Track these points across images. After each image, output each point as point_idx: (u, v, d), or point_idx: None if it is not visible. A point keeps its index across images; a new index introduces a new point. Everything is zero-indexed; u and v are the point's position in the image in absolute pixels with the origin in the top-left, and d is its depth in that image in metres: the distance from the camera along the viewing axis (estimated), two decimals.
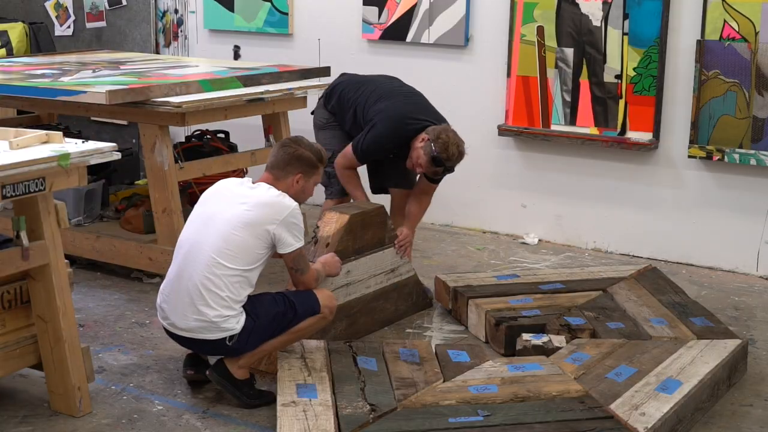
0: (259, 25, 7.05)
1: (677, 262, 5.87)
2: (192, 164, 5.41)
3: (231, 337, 3.84)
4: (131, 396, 4.03)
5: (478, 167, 6.43)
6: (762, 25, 5.35)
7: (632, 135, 5.84)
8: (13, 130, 3.85)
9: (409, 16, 6.45)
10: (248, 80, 5.59)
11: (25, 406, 3.92)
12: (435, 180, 4.96)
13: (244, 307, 3.86)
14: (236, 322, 3.83)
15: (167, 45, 7.48)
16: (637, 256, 5.97)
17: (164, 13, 7.45)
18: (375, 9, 6.56)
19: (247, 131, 6.39)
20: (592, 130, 5.96)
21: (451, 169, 4.82)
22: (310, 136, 4.76)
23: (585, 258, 5.97)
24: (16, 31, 7.10)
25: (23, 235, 3.61)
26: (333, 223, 4.49)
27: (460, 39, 6.31)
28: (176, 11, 7.42)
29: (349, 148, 4.94)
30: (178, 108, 4.99)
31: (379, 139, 4.85)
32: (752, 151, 5.46)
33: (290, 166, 3.99)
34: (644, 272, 5.15)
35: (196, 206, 4.06)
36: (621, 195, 6.01)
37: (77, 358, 3.81)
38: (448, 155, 4.71)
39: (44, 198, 3.66)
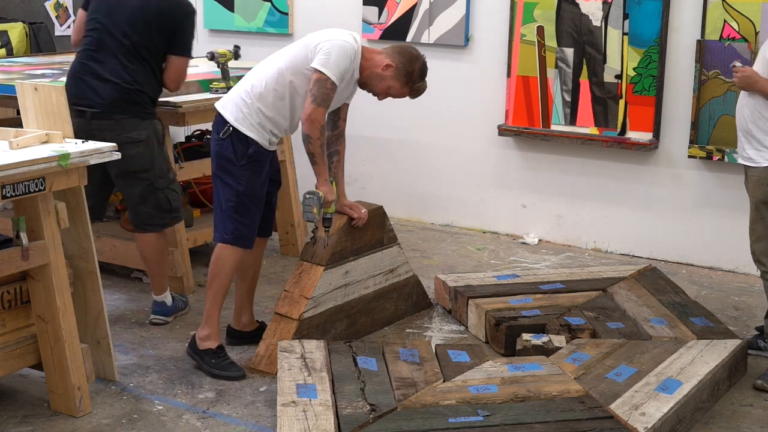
0: (259, 25, 7.05)
1: (677, 262, 5.87)
2: (192, 164, 5.41)
3: (227, 130, 4.13)
4: (131, 396, 4.03)
5: (478, 167, 6.44)
6: (762, 25, 5.35)
7: (632, 135, 5.84)
8: (13, 130, 3.85)
9: (409, 16, 6.45)
10: None
11: (25, 406, 3.92)
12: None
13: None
14: (240, 124, 4.12)
15: None
16: (637, 256, 5.97)
17: None
18: (375, 9, 6.56)
19: None
20: (592, 130, 5.96)
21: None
22: None
23: (585, 258, 5.98)
24: (16, 31, 7.09)
25: (23, 235, 3.61)
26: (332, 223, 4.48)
27: (460, 39, 6.31)
28: None
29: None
30: (178, 108, 4.99)
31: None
32: None
33: (396, 55, 4.17)
34: (644, 272, 5.15)
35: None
36: (621, 195, 6.01)
37: (77, 358, 3.82)
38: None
39: (44, 198, 3.66)
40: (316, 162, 4.18)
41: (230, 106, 4.19)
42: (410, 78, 4.22)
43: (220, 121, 4.20)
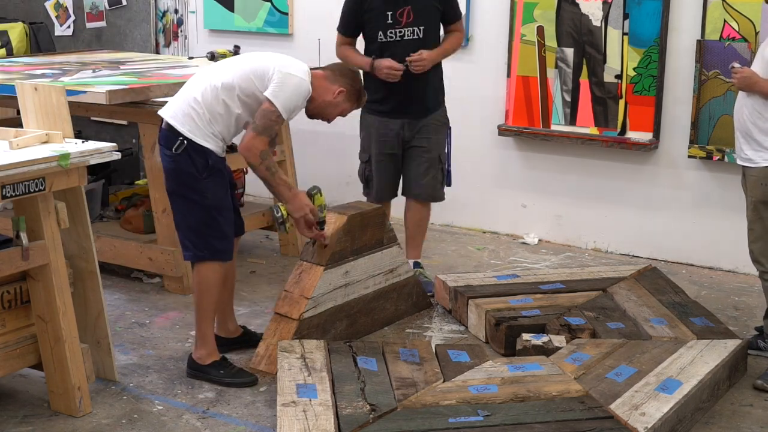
0: (259, 25, 7.05)
1: (677, 262, 5.87)
2: None
3: (181, 143, 3.97)
4: (131, 396, 4.03)
5: (478, 167, 6.44)
6: (762, 25, 5.35)
7: (632, 135, 5.84)
8: (13, 130, 3.85)
9: None
10: None
11: (25, 406, 3.92)
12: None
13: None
14: (195, 135, 3.99)
15: (167, 45, 7.48)
16: (637, 256, 5.97)
17: (164, 13, 7.46)
18: None
19: None
20: (592, 130, 5.96)
21: None
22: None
23: (585, 258, 5.97)
24: (16, 31, 7.09)
25: (23, 235, 3.61)
26: (331, 223, 4.48)
27: None
28: (176, 11, 7.42)
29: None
30: None
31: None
32: None
33: (344, 78, 4.16)
34: (644, 272, 5.15)
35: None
36: (621, 195, 6.01)
37: (77, 358, 3.82)
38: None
39: (44, 198, 3.66)
40: (270, 184, 4.07)
41: (181, 116, 4.00)
42: (360, 95, 4.25)
43: (169, 133, 4.01)
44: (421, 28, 5.02)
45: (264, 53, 4.21)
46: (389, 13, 4.99)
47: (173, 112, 4.04)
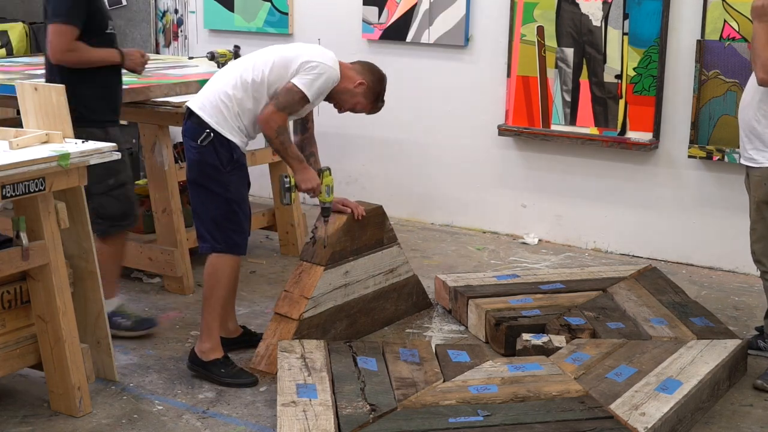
0: (259, 25, 7.05)
1: (677, 262, 5.87)
2: None
3: (207, 135, 4.01)
4: (131, 396, 4.03)
5: (478, 167, 6.44)
6: None
7: (632, 135, 5.84)
8: (13, 130, 3.85)
9: (409, 16, 6.45)
10: None
11: (25, 406, 3.92)
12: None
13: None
14: (222, 128, 4.04)
15: (167, 45, 7.48)
16: (637, 256, 5.97)
17: (164, 13, 7.46)
18: (375, 9, 6.56)
19: None
20: (592, 130, 5.96)
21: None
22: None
23: (585, 258, 5.98)
24: (16, 31, 7.10)
25: (23, 235, 3.61)
26: (331, 223, 4.48)
27: (460, 39, 6.31)
28: (176, 11, 7.42)
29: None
30: (178, 108, 4.98)
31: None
32: None
33: (368, 73, 4.22)
34: (644, 272, 5.15)
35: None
36: (621, 195, 6.01)
37: (77, 358, 3.82)
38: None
39: (44, 198, 3.66)
40: (284, 157, 4.16)
41: (209, 107, 4.06)
42: (378, 97, 4.28)
43: (194, 125, 4.06)
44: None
45: (294, 44, 4.30)
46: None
47: (201, 103, 4.09)
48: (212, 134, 4.03)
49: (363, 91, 4.22)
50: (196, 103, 4.11)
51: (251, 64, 4.11)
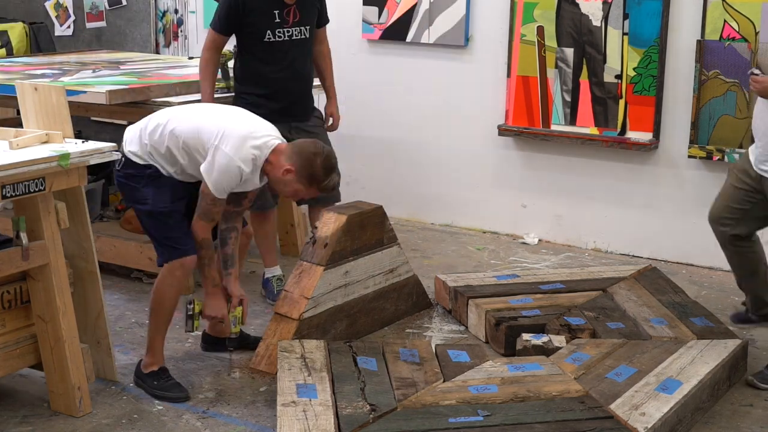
0: None
1: (677, 262, 5.87)
2: None
3: (120, 161, 3.97)
4: (131, 396, 4.03)
5: (478, 167, 6.44)
6: (762, 25, 5.35)
7: (632, 135, 5.84)
8: (13, 130, 3.85)
9: (409, 16, 6.45)
10: None
11: (25, 406, 3.92)
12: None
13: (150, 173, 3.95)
14: (134, 155, 3.96)
15: (167, 45, 7.48)
16: (637, 256, 5.97)
17: (164, 13, 7.45)
18: (375, 9, 6.56)
19: None
20: (592, 130, 5.96)
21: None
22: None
23: (585, 258, 5.97)
24: (16, 31, 7.09)
25: (23, 235, 3.61)
26: (331, 223, 4.49)
27: (460, 39, 6.31)
28: (176, 11, 7.42)
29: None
30: None
31: None
32: None
33: (297, 156, 3.85)
34: (644, 272, 5.15)
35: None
36: (621, 195, 6.01)
37: (77, 358, 3.82)
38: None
39: (44, 198, 3.66)
40: (201, 273, 4.03)
41: (128, 141, 4.01)
42: (313, 179, 3.87)
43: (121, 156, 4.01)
44: (307, 27, 4.91)
45: (231, 111, 4.05)
46: (276, 12, 4.81)
47: (127, 138, 4.04)
48: (124, 159, 3.97)
49: (293, 177, 3.85)
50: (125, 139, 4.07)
51: (175, 116, 3.96)
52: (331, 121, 5.24)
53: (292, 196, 4.07)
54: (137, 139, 3.99)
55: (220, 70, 5.33)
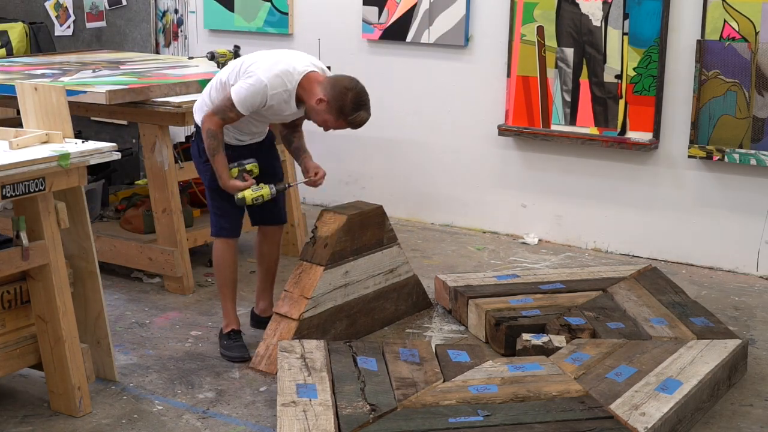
0: (259, 25, 7.05)
1: (677, 262, 5.87)
2: (192, 164, 5.40)
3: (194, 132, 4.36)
4: (131, 396, 4.03)
5: (478, 167, 6.44)
6: (762, 25, 5.35)
7: (632, 135, 5.84)
8: (13, 130, 3.85)
9: (409, 16, 6.45)
10: None
11: (25, 406, 3.92)
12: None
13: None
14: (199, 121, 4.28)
15: (167, 45, 7.48)
16: (637, 256, 5.97)
17: (164, 13, 7.46)
18: (375, 9, 6.56)
19: None
20: (592, 130, 5.96)
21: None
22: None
23: (585, 258, 5.98)
24: (16, 31, 7.09)
25: (23, 235, 3.61)
26: (331, 223, 4.49)
27: (460, 39, 6.31)
28: (176, 11, 7.42)
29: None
30: (178, 108, 4.99)
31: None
32: (752, 151, 5.46)
33: (329, 87, 4.10)
34: (644, 272, 5.15)
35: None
36: (621, 195, 6.01)
37: (77, 358, 3.82)
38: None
39: (44, 198, 3.66)
40: (210, 159, 4.22)
41: (197, 108, 4.36)
42: (342, 111, 4.09)
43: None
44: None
45: (274, 52, 4.32)
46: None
47: (195, 108, 4.39)
48: (195, 128, 4.33)
49: (325, 108, 4.10)
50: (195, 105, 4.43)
51: (233, 66, 4.26)
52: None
53: (322, 125, 4.24)
54: (203, 106, 4.29)
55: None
